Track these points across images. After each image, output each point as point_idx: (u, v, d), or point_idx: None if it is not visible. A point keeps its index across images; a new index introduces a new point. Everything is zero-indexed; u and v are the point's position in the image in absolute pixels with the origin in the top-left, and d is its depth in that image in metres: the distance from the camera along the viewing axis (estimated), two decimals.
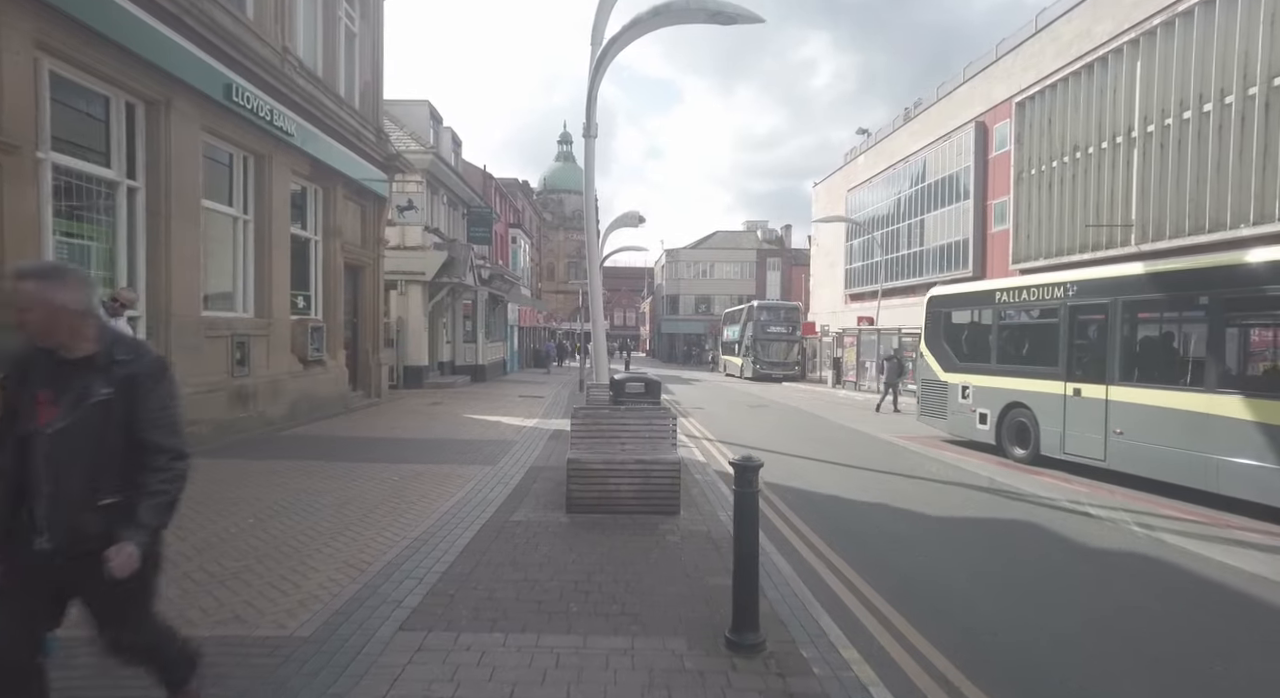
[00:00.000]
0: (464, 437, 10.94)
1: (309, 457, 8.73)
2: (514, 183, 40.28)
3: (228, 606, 4.04)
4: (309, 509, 6.21)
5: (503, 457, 9.21)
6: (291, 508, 6.23)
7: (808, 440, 12.80)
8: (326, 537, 5.41)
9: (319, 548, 5.13)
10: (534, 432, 11.80)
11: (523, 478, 7.92)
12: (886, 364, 21.44)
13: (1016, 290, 10.97)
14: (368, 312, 15.77)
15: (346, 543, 5.27)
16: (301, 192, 12.98)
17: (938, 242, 31.12)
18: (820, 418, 17.06)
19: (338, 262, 13.86)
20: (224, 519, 5.78)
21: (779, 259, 64.46)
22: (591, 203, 13.02)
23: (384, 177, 15.71)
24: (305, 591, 4.29)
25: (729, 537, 5.69)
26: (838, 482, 8.86)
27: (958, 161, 29.32)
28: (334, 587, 4.37)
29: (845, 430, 14.48)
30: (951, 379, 12.27)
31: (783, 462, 10.23)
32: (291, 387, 11.73)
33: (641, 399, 8.52)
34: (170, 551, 5.01)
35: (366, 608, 4.06)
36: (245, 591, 4.25)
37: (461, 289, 23.71)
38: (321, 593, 4.27)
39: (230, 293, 10.56)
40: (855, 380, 27.93)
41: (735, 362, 39.32)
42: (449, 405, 15.74)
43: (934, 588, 5.08)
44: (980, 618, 4.53)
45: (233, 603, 4.07)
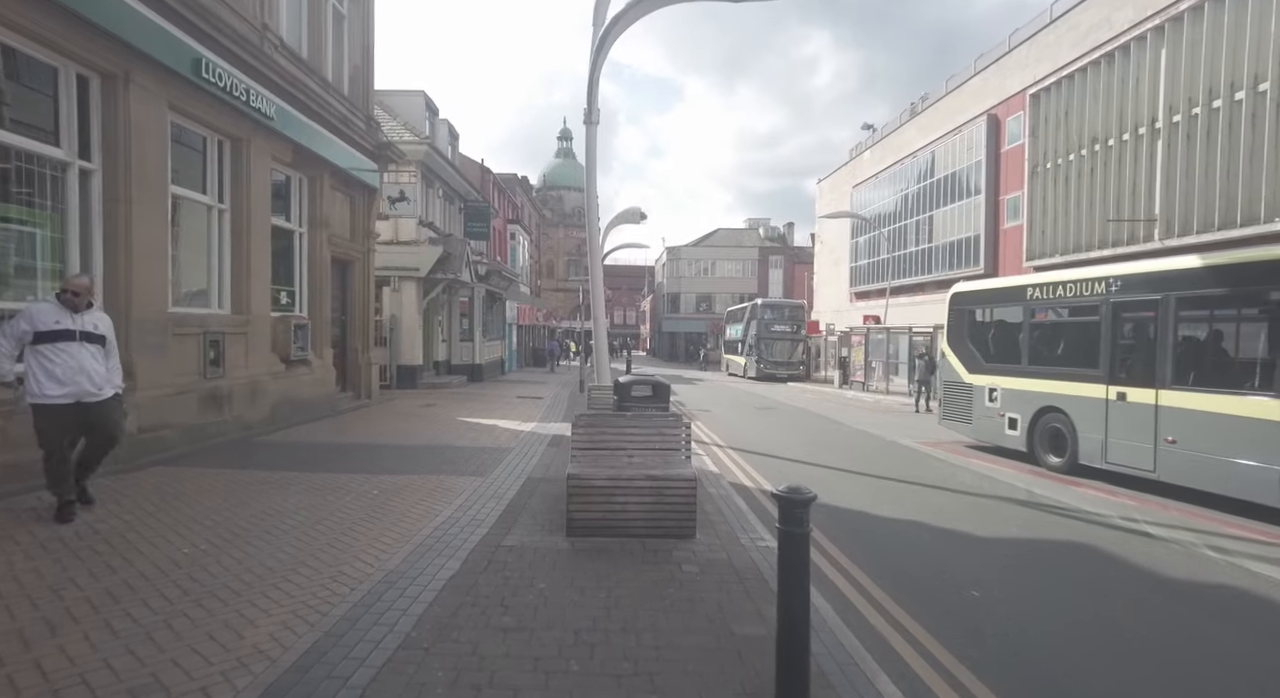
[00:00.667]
0: (456, 442, 10.17)
1: (284, 466, 7.95)
2: (512, 178, 39.48)
3: (149, 665, 3.27)
4: (273, 532, 5.44)
5: (496, 466, 8.43)
6: (253, 530, 5.46)
7: (824, 446, 12.04)
8: (287, 569, 4.63)
9: (276, 584, 4.36)
10: (532, 437, 11.04)
11: (518, 492, 7.15)
12: (918, 363, 21.09)
13: (1051, 286, 10.19)
14: (357, 308, 14.99)
15: (309, 577, 4.50)
16: (285, 181, 12.20)
17: (947, 238, 30.35)
18: (832, 421, 16.30)
19: (324, 255, 13.08)
20: (170, 545, 5.01)
21: (781, 257, 63.68)
22: (593, 193, 12.26)
23: (374, 166, 14.93)
24: (248, 643, 3.52)
25: (754, 567, 4.94)
26: (865, 495, 8.09)
27: (968, 156, 28.54)
28: (284, 638, 3.60)
29: (862, 435, 13.71)
30: (977, 381, 11.51)
31: (802, 472, 9.47)
32: (272, 388, 10.95)
33: (649, 404, 7.76)
34: (95, 587, 4.32)
35: (320, 669, 3.29)
36: (173, 645, 3.48)
37: (457, 286, 22.93)
38: (269, 647, 3.50)
39: (203, 288, 9.78)
40: (864, 381, 27.17)
41: (738, 361, 38.57)
42: (442, 407, 14.97)
43: (1007, 638, 4.32)
44: (1066, 673, 3.77)
45: (155, 662, 3.29)
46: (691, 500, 5.55)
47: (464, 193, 25.60)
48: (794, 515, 3.02)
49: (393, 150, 15.21)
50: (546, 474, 8.06)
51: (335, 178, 13.48)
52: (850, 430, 14.45)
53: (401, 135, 19.25)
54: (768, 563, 5.08)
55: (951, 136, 29.88)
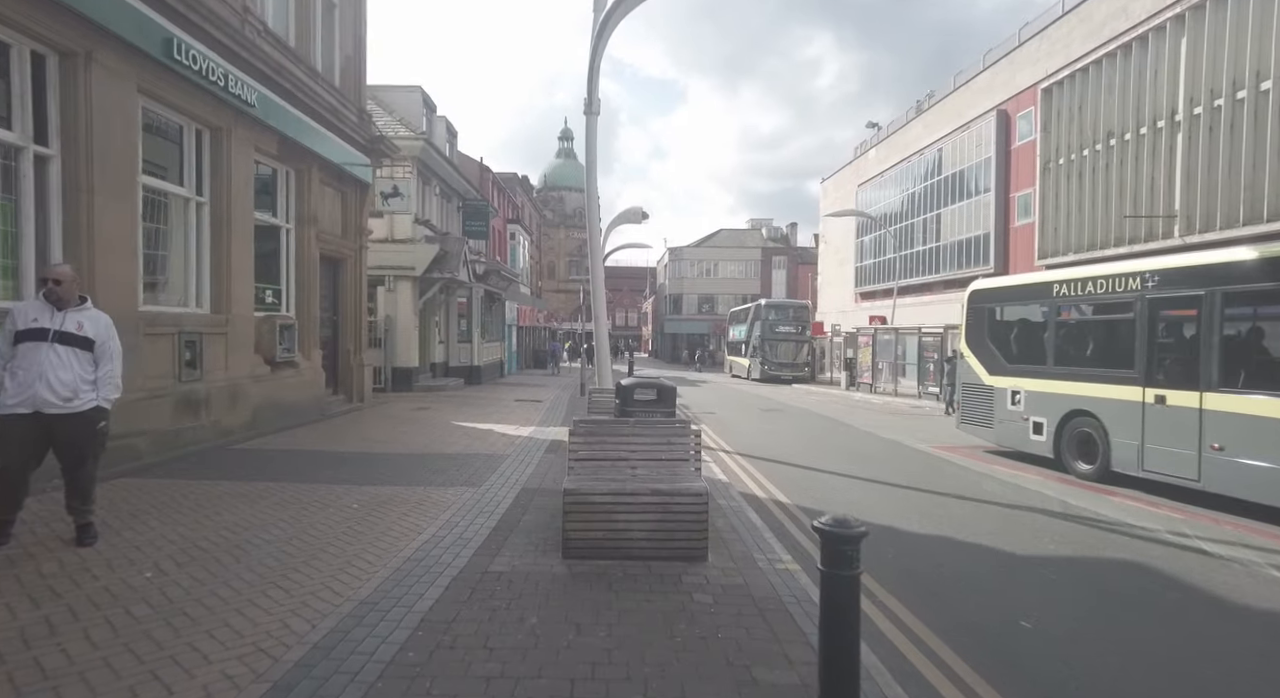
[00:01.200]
0: (448, 449, 9.60)
1: (261, 476, 7.39)
2: (512, 177, 38.95)
3: None
4: (237, 553, 4.87)
5: (490, 475, 7.85)
6: (215, 551, 4.89)
7: (836, 452, 11.45)
8: (244, 600, 4.06)
9: (229, 617, 3.78)
10: (529, 443, 10.46)
11: (511, 504, 6.57)
12: (948, 365, 20.63)
13: (1080, 282, 9.60)
14: (349, 308, 14.43)
15: (268, 610, 3.92)
16: (271, 174, 11.65)
17: (955, 237, 29.77)
18: (842, 424, 15.70)
19: (313, 252, 12.52)
20: (121, 570, 4.44)
21: (784, 257, 63.10)
22: (594, 187, 11.71)
23: (366, 161, 14.37)
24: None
25: (775, 596, 4.36)
26: (887, 506, 7.50)
27: (977, 153, 27.96)
28: (222, 694, 3.02)
29: (874, 439, 13.12)
30: (998, 383, 10.92)
31: (816, 480, 8.88)
32: (255, 392, 10.39)
33: (654, 408, 7.18)
34: (22, 621, 3.73)
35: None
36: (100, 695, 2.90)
37: (455, 285, 22.36)
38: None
39: (180, 284, 9.22)
40: (871, 382, 26.56)
41: (742, 362, 37.97)
42: (437, 411, 14.40)
43: (1074, 683, 3.73)
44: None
45: None
46: (703, 519, 4.97)
47: (462, 191, 25.06)
48: (841, 554, 2.44)
49: (386, 145, 14.66)
50: (543, 485, 7.48)
51: (325, 172, 12.93)
52: (861, 434, 13.85)
53: (397, 131, 18.72)
54: (789, 590, 4.50)
55: (959, 133, 29.30)
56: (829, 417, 17.41)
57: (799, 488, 8.24)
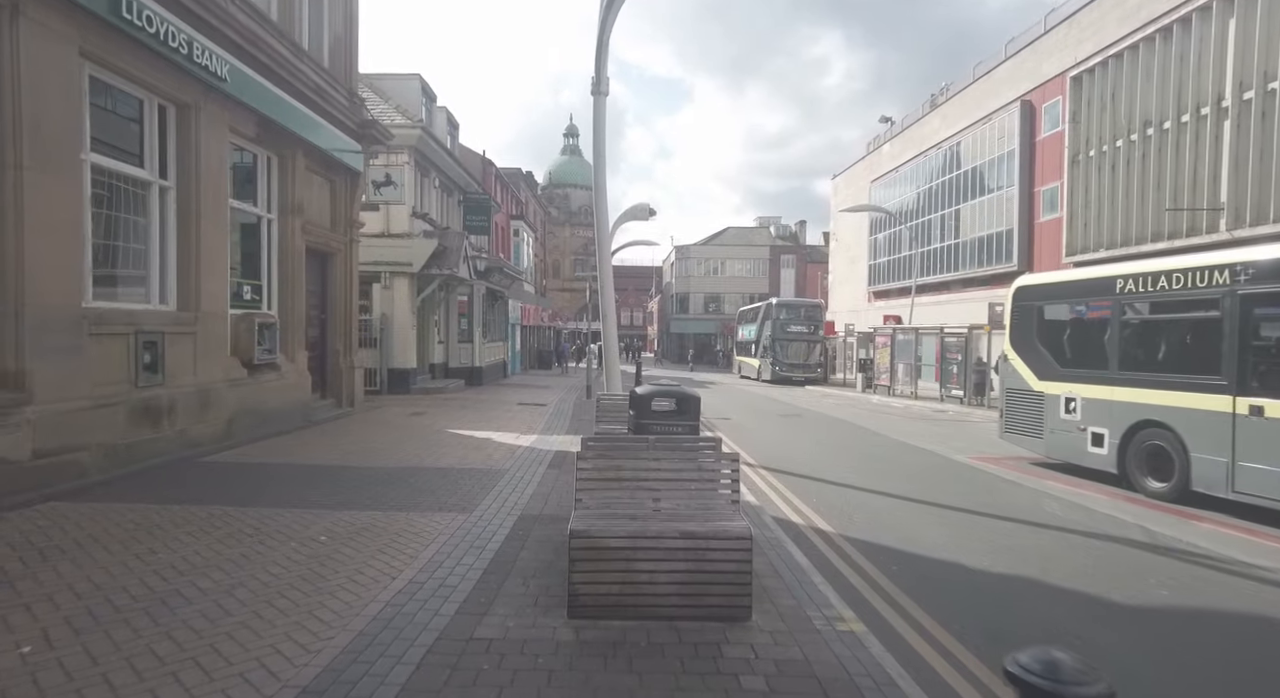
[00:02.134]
0: (440, 462, 8.59)
1: (221, 498, 6.39)
2: (517, 173, 37.97)
3: None
4: (158, 612, 3.87)
5: (484, 497, 6.84)
6: (131, 608, 3.89)
7: (869, 464, 10.41)
8: (144, 687, 3.05)
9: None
10: (530, 455, 9.45)
11: (508, 537, 5.55)
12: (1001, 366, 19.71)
13: (1150, 277, 8.52)
14: (339, 305, 13.44)
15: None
16: (250, 160, 10.67)
17: (975, 233, 28.65)
18: (867, 431, 14.65)
19: (297, 245, 11.53)
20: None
21: (793, 256, 61.99)
22: (602, 174, 10.73)
23: (357, 147, 13.38)
24: None
25: (844, 675, 3.32)
26: (945, 536, 6.46)
27: (999, 146, 26.85)
28: None
29: (907, 449, 12.06)
30: (1049, 389, 9.86)
31: (855, 501, 7.84)
32: (229, 397, 9.41)
33: (674, 421, 6.16)
34: None
35: None
36: None
37: (455, 282, 21.37)
38: None
39: (140, 278, 8.24)
40: (889, 384, 25.47)
41: (752, 363, 36.91)
42: (433, 416, 13.41)
43: None
44: None
45: None
46: (746, 570, 3.94)
47: (464, 184, 24.06)
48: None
49: (378, 130, 13.67)
50: (545, 509, 6.46)
51: (311, 159, 11.94)
52: (891, 443, 12.80)
53: (393, 119, 17.72)
54: (861, 665, 3.48)
55: (980, 126, 28.19)
56: (851, 422, 16.35)
57: (838, 512, 7.20)
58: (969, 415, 18.95)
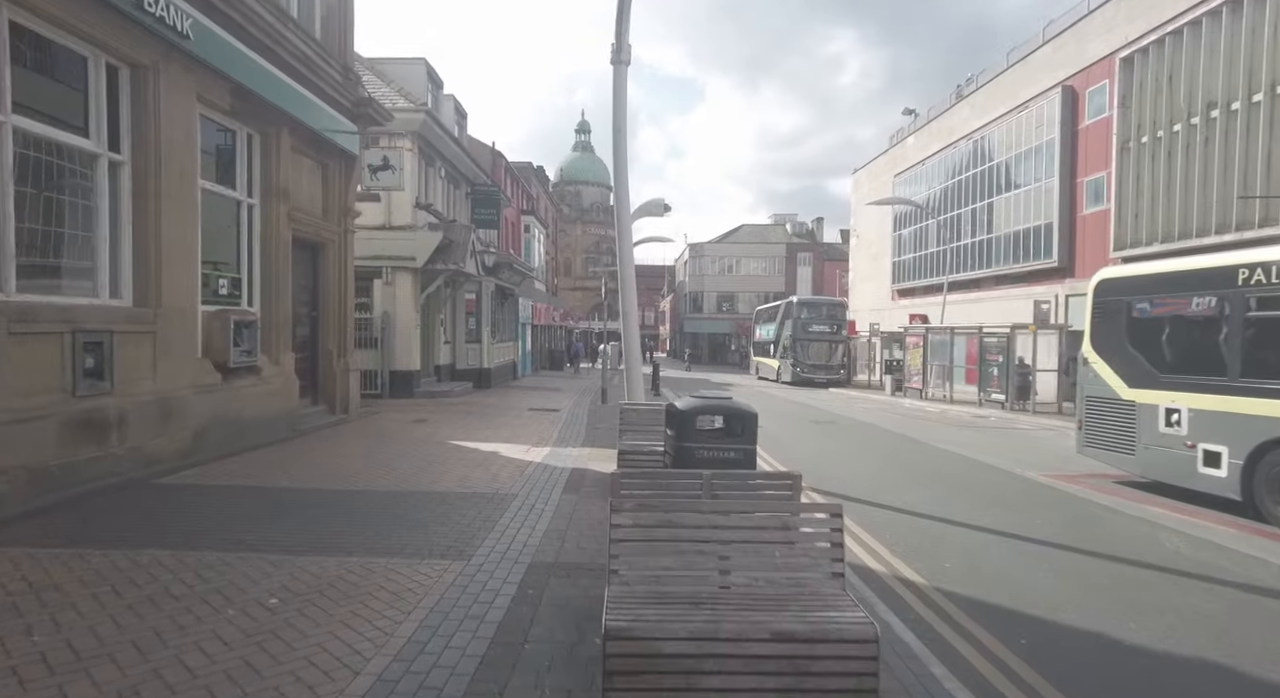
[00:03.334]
0: (437, 484, 7.32)
1: (159, 538, 5.15)
2: (528, 167, 36.72)
3: None
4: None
5: (487, 534, 5.56)
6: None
7: (933, 483, 9.06)
8: None
9: None
10: (543, 474, 8.16)
11: (514, 599, 4.26)
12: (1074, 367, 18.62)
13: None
14: (332, 302, 12.22)
15: None
16: (227, 137, 9.46)
17: (1010, 228, 27.16)
18: (911, 440, 13.28)
19: (283, 234, 10.31)
20: None
21: (810, 254, 60.48)
22: (623, 153, 9.52)
23: (352, 128, 12.14)
24: None
25: None
26: (1063, 587, 5.10)
27: (1036, 135, 25.35)
28: None
29: (966, 463, 10.69)
30: (1143, 398, 8.48)
31: (935, 535, 6.50)
32: (197, 406, 8.18)
33: (723, 445, 4.87)
34: None
35: None
36: None
37: (462, 279, 20.14)
38: None
39: (86, 268, 7.01)
40: (921, 388, 24.02)
41: (770, 364, 35.52)
42: (435, 424, 12.16)
43: None
44: None
45: None
46: (870, 686, 2.63)
47: (471, 176, 22.84)
48: None
49: (376, 109, 12.42)
50: (561, 552, 5.17)
51: (299, 138, 10.72)
52: (946, 456, 11.43)
53: (395, 102, 16.50)
54: None
55: (1015, 115, 26.70)
56: (891, 430, 14.98)
57: (923, 553, 5.87)
58: (1014, 422, 17.55)
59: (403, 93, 17.20)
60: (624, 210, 10.09)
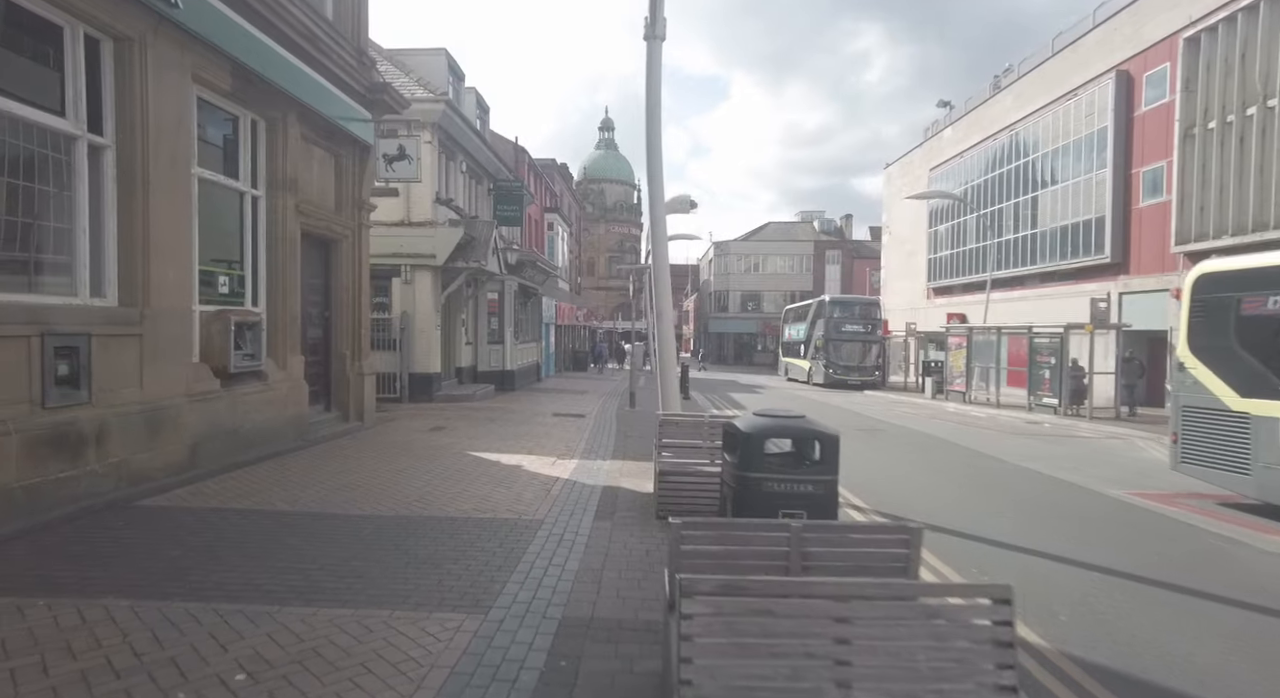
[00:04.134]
0: (453, 507, 6.47)
1: (122, 580, 4.35)
2: (551, 164, 35.97)
3: None
4: None
5: (509, 575, 4.67)
6: None
7: (1011, 505, 8.02)
8: None
9: None
10: (571, 493, 7.27)
11: (541, 678, 3.35)
12: (1125, 367, 17.99)
13: None
14: (345, 302, 11.46)
15: None
16: (229, 122, 8.71)
17: (1056, 222, 25.80)
18: (971, 451, 12.19)
19: (290, 228, 9.55)
20: None
21: (839, 252, 59.09)
22: (657, 135, 8.62)
23: (366, 115, 11.37)
24: None
25: None
26: (1227, 652, 4.10)
27: (1086, 124, 23.97)
28: None
29: (1039, 479, 9.62)
30: (1259, 410, 7.37)
31: (1036, 572, 5.48)
32: (192, 416, 7.42)
33: (799, 477, 3.94)
34: None
35: None
36: None
37: (484, 278, 19.38)
38: None
39: (63, 264, 6.27)
40: (964, 391, 22.79)
41: (800, 365, 34.38)
42: (454, 432, 11.35)
43: None
44: None
45: None
46: None
47: (494, 171, 22.07)
48: None
49: (392, 95, 11.63)
50: (598, 604, 4.26)
51: (308, 125, 9.96)
52: (1015, 471, 10.36)
53: (414, 92, 15.75)
54: None
55: (1062, 103, 25.34)
56: (943, 439, 13.89)
57: (1025, 598, 4.86)
58: (1072, 429, 16.33)
59: (422, 83, 16.45)
60: (657, 199, 9.17)
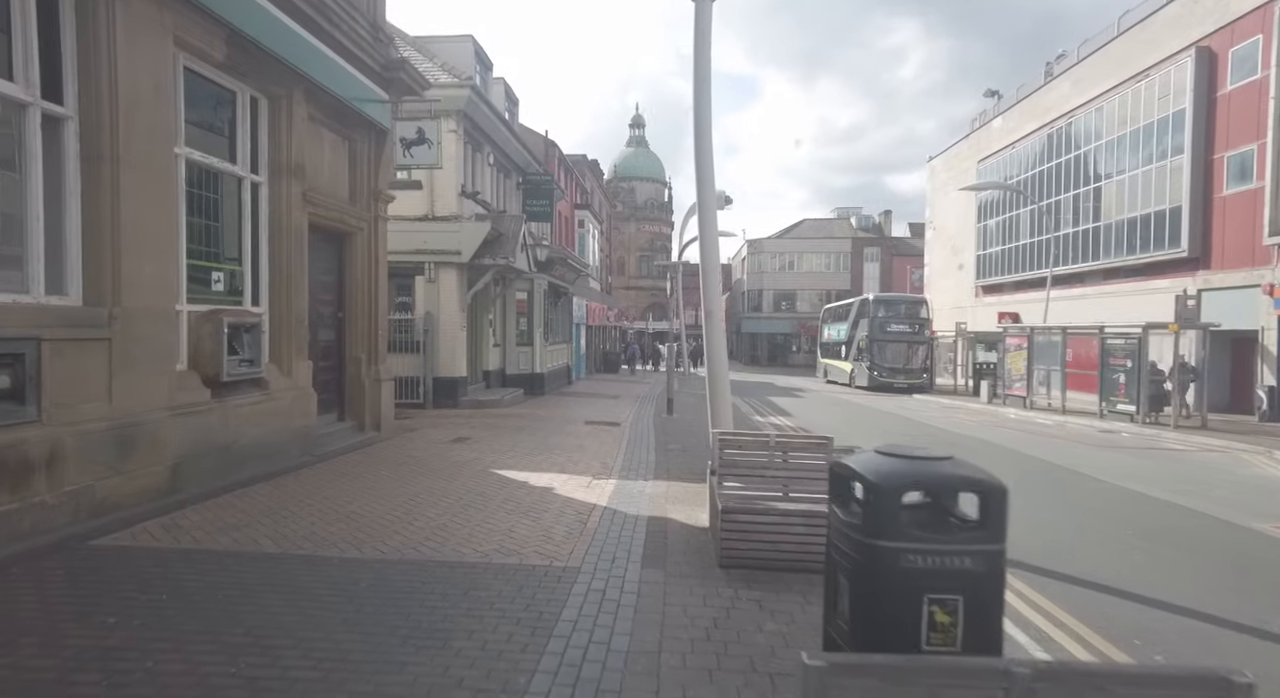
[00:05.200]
0: (467, 547, 5.34)
1: (9, 677, 3.29)
2: (582, 160, 34.96)
3: None
4: None
5: (535, 667, 3.49)
6: None
7: (1135, 540, 6.65)
8: None
9: None
10: (610, 526, 6.11)
11: None
12: (1180, 373, 16.63)
13: None
14: (360, 301, 10.46)
15: None
16: (225, 98, 7.72)
17: (1123, 214, 24.03)
18: (1058, 466, 10.75)
19: (295, 218, 8.55)
20: None
21: (878, 249, 57.17)
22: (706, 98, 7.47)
23: (383, 96, 10.35)
24: None
25: None
26: None
27: (1159, 107, 22.19)
28: None
29: (1157, 505, 8.20)
30: None
31: (1221, 644, 4.17)
32: (174, 433, 6.42)
33: (954, 548, 2.67)
34: None
35: None
36: None
37: (511, 275, 18.36)
38: None
39: (12, 256, 5.29)
40: (1025, 395, 21.14)
41: (842, 367, 32.84)
42: (479, 444, 10.27)
43: None
44: None
45: None
46: None
47: (523, 165, 21.06)
48: None
49: (410, 74, 10.59)
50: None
51: (316, 105, 8.97)
52: (1125, 494, 8.94)
53: (437, 77, 14.78)
54: None
55: (1130, 86, 23.56)
56: (1021, 451, 12.44)
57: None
58: (1157, 440, 14.74)
59: (447, 69, 15.46)
60: (705, 179, 7.96)
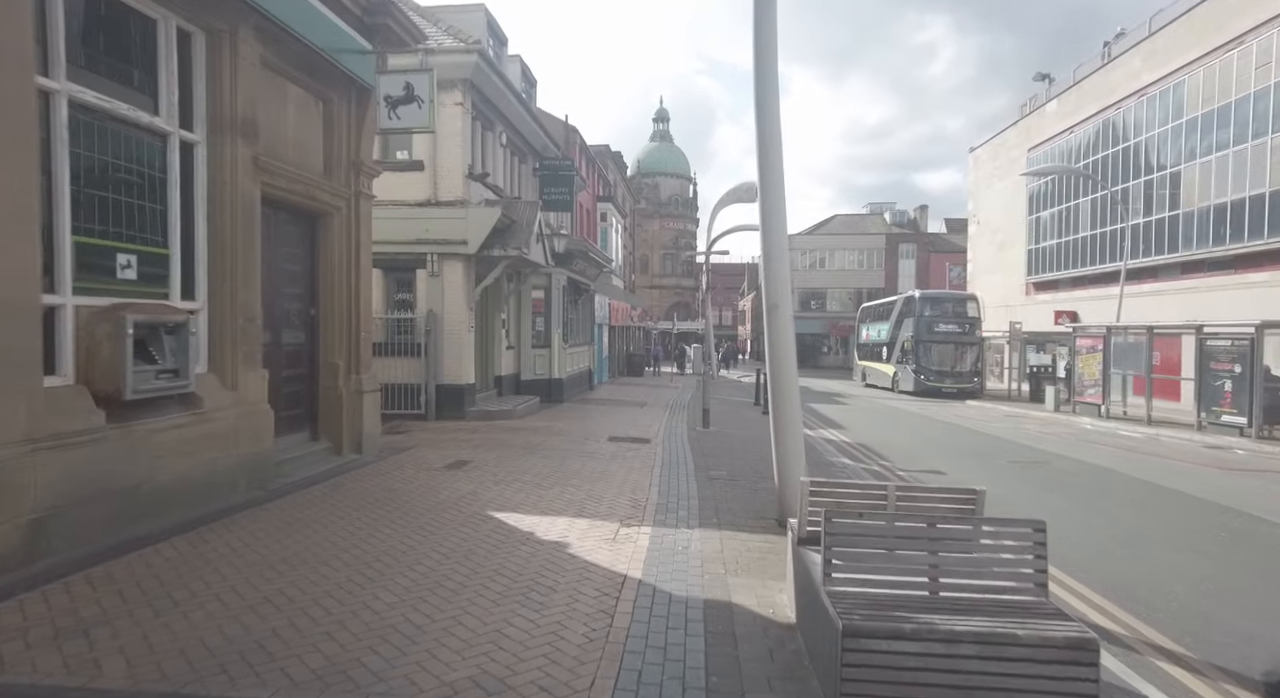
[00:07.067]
0: (427, 673, 3.42)
1: None
2: (605, 150, 33.03)
3: None
4: None
5: None
6: None
7: None
8: None
9: None
10: (650, 619, 4.15)
11: None
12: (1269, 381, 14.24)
13: None
14: (338, 296, 8.62)
15: None
16: (142, 30, 5.90)
17: (1208, 201, 21.58)
18: (1193, 498, 8.58)
19: (244, 189, 6.70)
20: None
21: (913, 245, 54.57)
22: (771, 41, 5.39)
23: (365, 46, 8.49)
24: None
25: None
26: None
27: (1255, 78, 19.76)
28: None
29: None
30: None
31: None
32: (40, 474, 4.59)
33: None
34: None
35: None
36: None
37: (526, 269, 16.48)
38: None
39: None
40: (1100, 402, 18.79)
41: (883, 370, 30.57)
42: (479, 470, 8.36)
43: None
44: None
45: None
46: None
47: (540, 148, 19.18)
48: None
49: (398, 19, 8.70)
50: None
51: (275, 48, 7.12)
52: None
53: (441, 41, 12.94)
54: None
55: (1217, 56, 21.13)
56: (1129, 475, 10.27)
57: None
58: (1277, 458, 12.42)
59: (451, 32, 13.61)
60: (770, 149, 6.00)
